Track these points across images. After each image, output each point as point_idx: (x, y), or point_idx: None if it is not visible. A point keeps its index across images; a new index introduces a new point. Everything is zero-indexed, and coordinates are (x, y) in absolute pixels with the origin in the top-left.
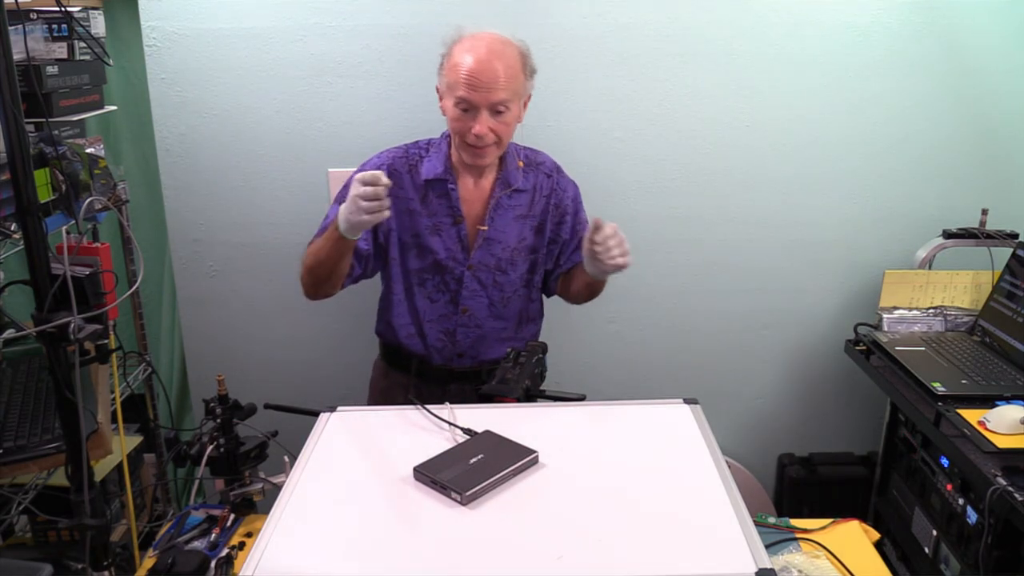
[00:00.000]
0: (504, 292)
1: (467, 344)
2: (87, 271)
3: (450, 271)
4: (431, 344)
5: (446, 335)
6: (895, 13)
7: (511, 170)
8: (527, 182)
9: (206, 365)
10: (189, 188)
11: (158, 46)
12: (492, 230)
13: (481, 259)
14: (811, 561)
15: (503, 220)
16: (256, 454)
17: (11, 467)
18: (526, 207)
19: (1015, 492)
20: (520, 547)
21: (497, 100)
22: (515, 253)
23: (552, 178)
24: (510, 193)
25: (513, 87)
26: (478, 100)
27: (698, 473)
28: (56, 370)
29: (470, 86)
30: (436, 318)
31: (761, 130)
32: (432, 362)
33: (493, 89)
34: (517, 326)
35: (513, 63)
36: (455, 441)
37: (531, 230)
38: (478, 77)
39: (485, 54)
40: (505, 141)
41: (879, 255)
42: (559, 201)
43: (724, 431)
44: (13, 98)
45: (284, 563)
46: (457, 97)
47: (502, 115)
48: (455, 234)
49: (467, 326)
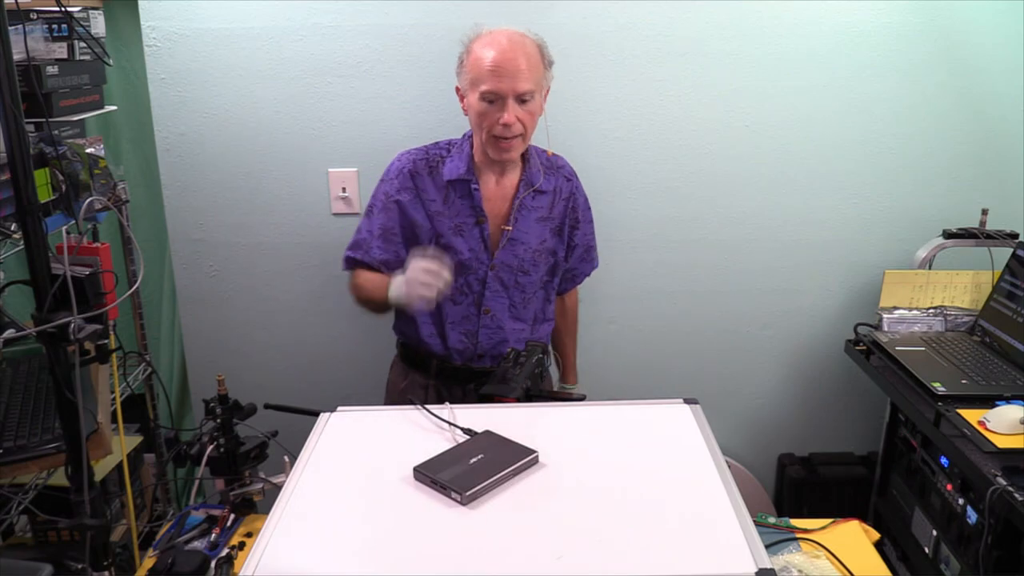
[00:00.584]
0: (525, 293)
1: (489, 345)
2: (87, 271)
3: (473, 272)
4: (452, 346)
5: (468, 336)
6: (895, 13)
7: (534, 171)
8: (548, 184)
9: (206, 365)
10: (189, 188)
11: (158, 46)
12: (516, 230)
13: (504, 259)
14: (811, 561)
15: (526, 221)
16: (256, 454)
17: (11, 467)
18: (547, 209)
19: (1015, 492)
20: (520, 547)
21: (522, 89)
22: (536, 255)
23: (572, 182)
24: (533, 194)
25: (535, 77)
26: (504, 90)
27: (698, 473)
28: (56, 370)
29: (496, 76)
30: (459, 320)
31: (761, 130)
32: (452, 362)
33: (518, 79)
34: (533, 327)
35: (533, 53)
36: (455, 441)
37: (551, 232)
38: (503, 67)
39: (507, 45)
40: (530, 134)
41: (879, 255)
42: (576, 205)
43: (724, 431)
44: (13, 98)
45: (284, 563)
46: (482, 91)
47: (527, 104)
48: (478, 234)
49: (489, 327)
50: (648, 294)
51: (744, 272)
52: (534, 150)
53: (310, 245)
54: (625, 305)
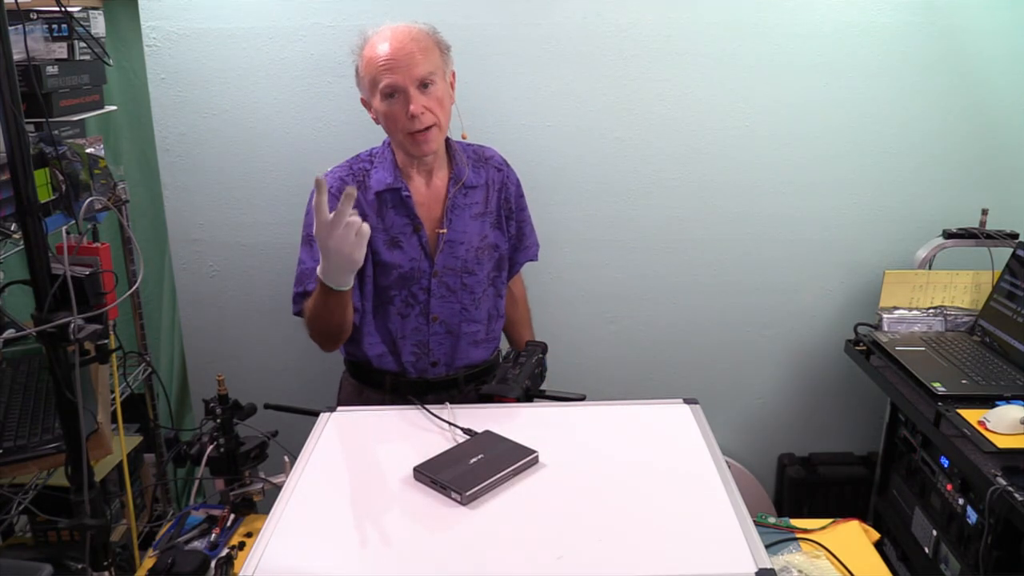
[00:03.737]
0: (474, 294)
1: (441, 352)
2: (87, 271)
3: (416, 281)
4: (405, 360)
5: (419, 347)
6: (895, 13)
7: (461, 167)
8: (479, 178)
9: (206, 365)
10: (189, 188)
11: (158, 46)
12: (451, 231)
13: (445, 263)
14: (811, 561)
15: (461, 220)
16: (256, 454)
17: (11, 467)
18: (482, 204)
19: (1015, 492)
20: (520, 547)
21: (419, 75)
22: (479, 252)
23: (503, 172)
24: (464, 191)
25: (431, 60)
26: (402, 80)
27: (698, 473)
28: (56, 370)
29: (390, 69)
30: (409, 332)
31: (761, 130)
32: (407, 376)
33: (412, 65)
34: (488, 326)
35: (422, 38)
36: (455, 441)
37: (490, 227)
38: (395, 59)
39: (394, 36)
40: (444, 122)
41: (879, 255)
42: (508, 195)
43: (724, 431)
44: (13, 98)
45: (284, 563)
46: (382, 88)
47: (429, 89)
48: (416, 242)
49: (440, 334)
50: (648, 294)
51: (744, 272)
52: (459, 145)
53: None
54: (625, 305)
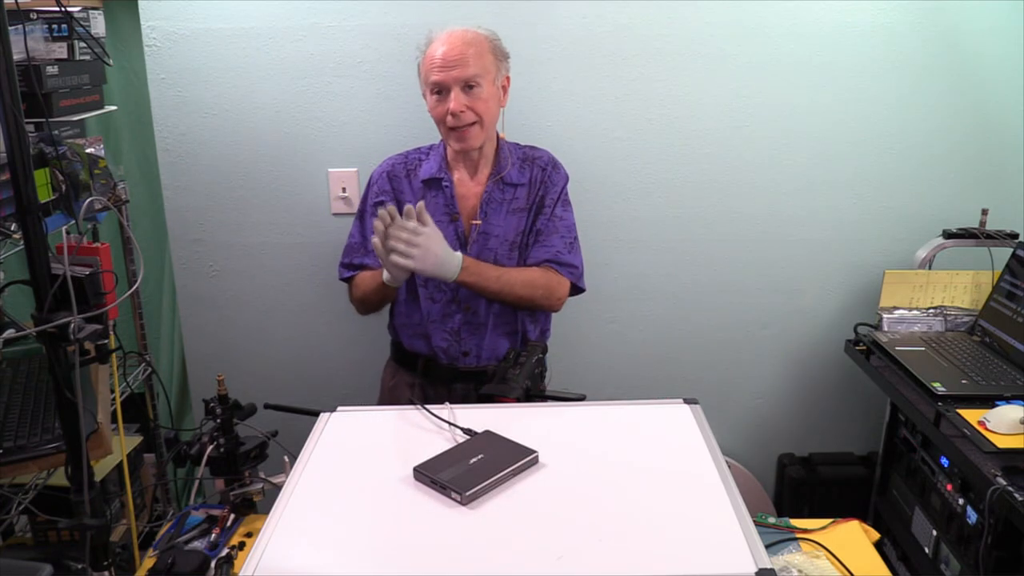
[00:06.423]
0: None
1: (472, 342)
2: (87, 271)
3: None
4: (436, 344)
5: (451, 334)
6: (895, 13)
7: (504, 164)
8: (523, 176)
9: (206, 365)
10: (189, 188)
11: (158, 46)
12: (486, 224)
13: (478, 254)
14: (811, 561)
15: (497, 214)
16: (256, 454)
17: (11, 467)
18: (524, 200)
19: (1015, 492)
20: (520, 547)
21: (465, 76)
22: (513, 247)
23: (546, 171)
24: (503, 186)
25: (481, 64)
26: (448, 80)
27: (698, 473)
28: (56, 370)
29: (440, 68)
30: (439, 318)
31: (761, 130)
32: (438, 361)
33: (460, 66)
34: (516, 317)
35: (477, 43)
36: (455, 441)
37: (528, 224)
38: (447, 58)
39: (450, 39)
40: (487, 121)
41: (879, 255)
42: (544, 193)
43: (724, 431)
44: (13, 98)
45: (284, 563)
46: (431, 84)
47: (474, 91)
48: (452, 232)
49: (471, 323)
50: (648, 294)
51: (744, 272)
52: (510, 146)
53: (310, 245)
54: (625, 305)
